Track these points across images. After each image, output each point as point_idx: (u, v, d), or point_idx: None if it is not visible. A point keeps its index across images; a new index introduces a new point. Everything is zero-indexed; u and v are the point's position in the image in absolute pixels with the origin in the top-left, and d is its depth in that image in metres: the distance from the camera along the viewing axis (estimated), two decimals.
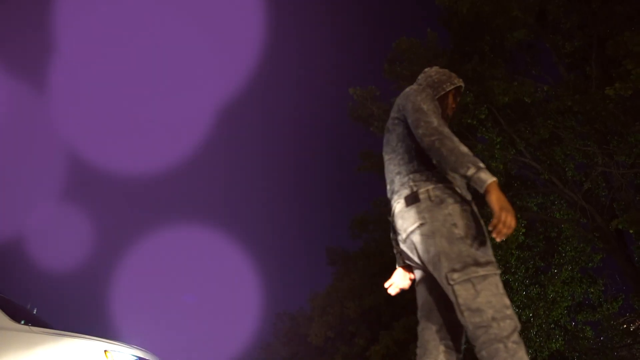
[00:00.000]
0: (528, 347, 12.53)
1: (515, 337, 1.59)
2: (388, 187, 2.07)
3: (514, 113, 10.49)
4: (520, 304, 12.71)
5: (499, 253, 11.31)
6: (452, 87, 2.20)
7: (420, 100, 1.96)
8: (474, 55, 10.34)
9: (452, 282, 1.68)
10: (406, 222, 1.87)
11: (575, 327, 12.24)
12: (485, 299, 1.61)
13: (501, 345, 1.56)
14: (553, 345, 12.43)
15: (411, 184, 1.91)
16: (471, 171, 1.68)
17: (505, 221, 1.62)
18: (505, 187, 12.47)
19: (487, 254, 1.71)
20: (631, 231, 9.00)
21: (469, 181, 1.70)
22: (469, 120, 9.87)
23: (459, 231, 1.72)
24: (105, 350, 4.65)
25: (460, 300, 1.65)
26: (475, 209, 1.83)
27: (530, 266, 13.29)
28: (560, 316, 12.62)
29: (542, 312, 12.31)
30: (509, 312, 1.61)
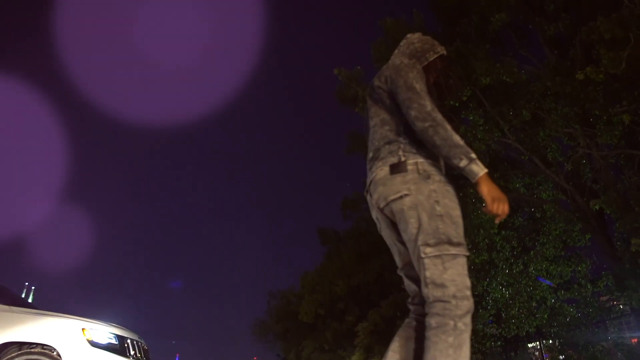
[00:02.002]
0: (511, 323, 12.82)
1: (467, 319, 1.67)
2: (371, 154, 2.05)
3: (498, 94, 10.51)
4: (504, 282, 12.96)
5: (481, 232, 11.50)
6: (436, 55, 2.18)
7: (412, 79, 1.94)
8: (457, 37, 10.31)
9: (423, 256, 1.74)
10: (388, 189, 1.88)
11: (555, 304, 12.50)
12: (451, 276, 1.69)
13: (452, 323, 1.65)
14: (536, 321, 12.71)
15: (400, 153, 1.91)
16: (464, 163, 1.74)
17: (497, 210, 1.74)
18: (491, 168, 12.58)
19: (460, 235, 1.77)
20: (608, 211, 9.18)
21: (460, 171, 1.76)
22: (451, 102, 9.89)
23: (440, 209, 1.77)
24: (82, 328, 4.80)
25: (428, 274, 1.72)
26: (454, 191, 1.87)
27: (516, 245, 13.50)
28: (546, 293, 12.88)
29: (524, 290, 12.56)
30: (469, 293, 1.70)
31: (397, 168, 1.88)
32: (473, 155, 1.75)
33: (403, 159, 1.89)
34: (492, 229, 11.38)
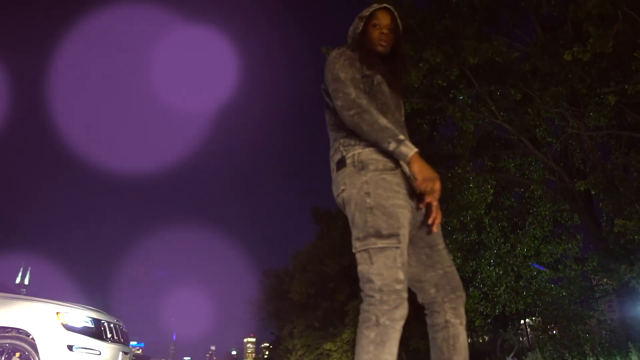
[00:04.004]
0: (497, 302, 12.95)
1: (394, 314, 1.60)
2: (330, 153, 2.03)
3: (488, 74, 10.37)
4: (492, 262, 13.05)
5: (469, 213, 11.50)
6: (362, 22, 2.07)
7: (338, 69, 1.89)
8: (448, 14, 10.11)
9: (354, 250, 1.72)
10: (334, 186, 1.87)
11: (541, 283, 12.63)
12: (377, 270, 1.63)
13: (374, 318, 1.60)
14: (522, 300, 12.85)
15: (341, 148, 1.88)
16: (392, 146, 1.71)
17: (427, 188, 1.71)
18: (481, 148, 12.53)
19: (393, 226, 1.68)
20: (593, 192, 9.18)
21: (392, 154, 1.74)
22: (439, 82, 9.75)
23: (370, 201, 1.71)
24: (57, 312, 4.77)
25: (359, 268, 1.68)
26: (398, 177, 1.77)
27: (506, 225, 13.54)
28: (533, 272, 12.99)
29: (511, 270, 12.65)
30: (399, 287, 1.62)
31: (340, 164, 1.85)
32: (401, 137, 1.72)
33: (344, 153, 1.86)
34: (480, 209, 11.38)
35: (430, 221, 1.86)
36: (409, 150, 1.70)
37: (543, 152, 11.16)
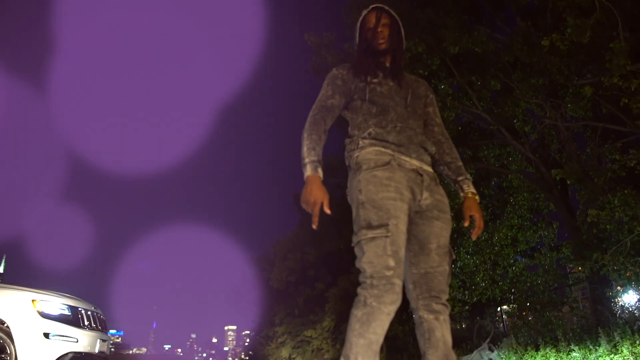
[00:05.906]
0: (475, 290, 13.19)
1: (385, 298, 1.65)
2: None
3: (468, 64, 10.45)
4: (470, 250, 13.28)
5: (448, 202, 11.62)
6: (357, 32, 2.20)
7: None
8: (431, 3, 10.13)
9: (352, 245, 1.80)
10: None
11: (516, 271, 12.91)
12: (368, 259, 1.70)
13: (362, 299, 1.67)
14: (499, 288, 13.11)
15: (346, 154, 2.00)
16: (302, 168, 1.86)
17: (307, 210, 1.80)
18: (461, 137, 12.65)
19: (383, 217, 1.74)
20: (569, 182, 9.40)
21: None
22: (420, 71, 9.80)
23: (362, 197, 1.80)
24: (33, 300, 4.70)
25: (356, 261, 1.76)
26: (389, 172, 1.82)
27: (484, 214, 13.74)
28: (510, 261, 13.26)
29: (488, 258, 12.90)
30: (389, 273, 1.67)
31: (348, 170, 2.00)
32: (306, 160, 1.85)
33: (349, 160, 2.00)
34: (459, 199, 11.51)
35: (472, 233, 2.04)
36: (306, 172, 1.83)
37: (521, 143, 11.34)
